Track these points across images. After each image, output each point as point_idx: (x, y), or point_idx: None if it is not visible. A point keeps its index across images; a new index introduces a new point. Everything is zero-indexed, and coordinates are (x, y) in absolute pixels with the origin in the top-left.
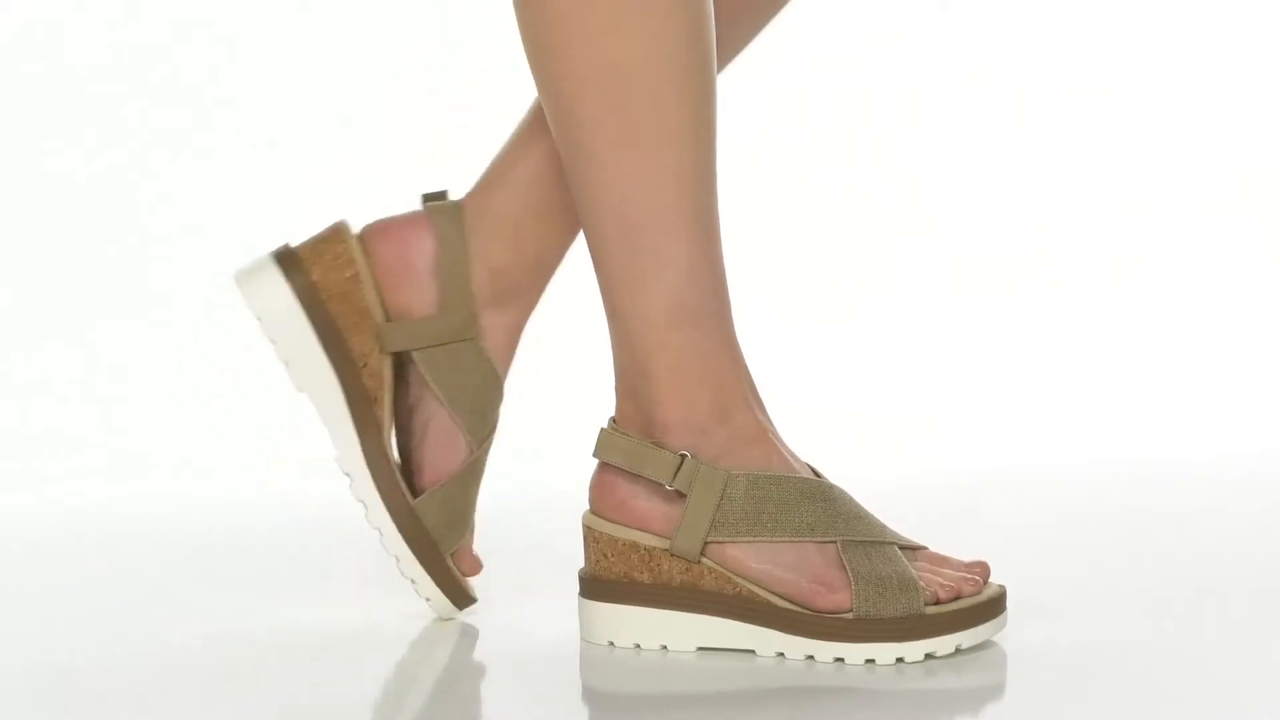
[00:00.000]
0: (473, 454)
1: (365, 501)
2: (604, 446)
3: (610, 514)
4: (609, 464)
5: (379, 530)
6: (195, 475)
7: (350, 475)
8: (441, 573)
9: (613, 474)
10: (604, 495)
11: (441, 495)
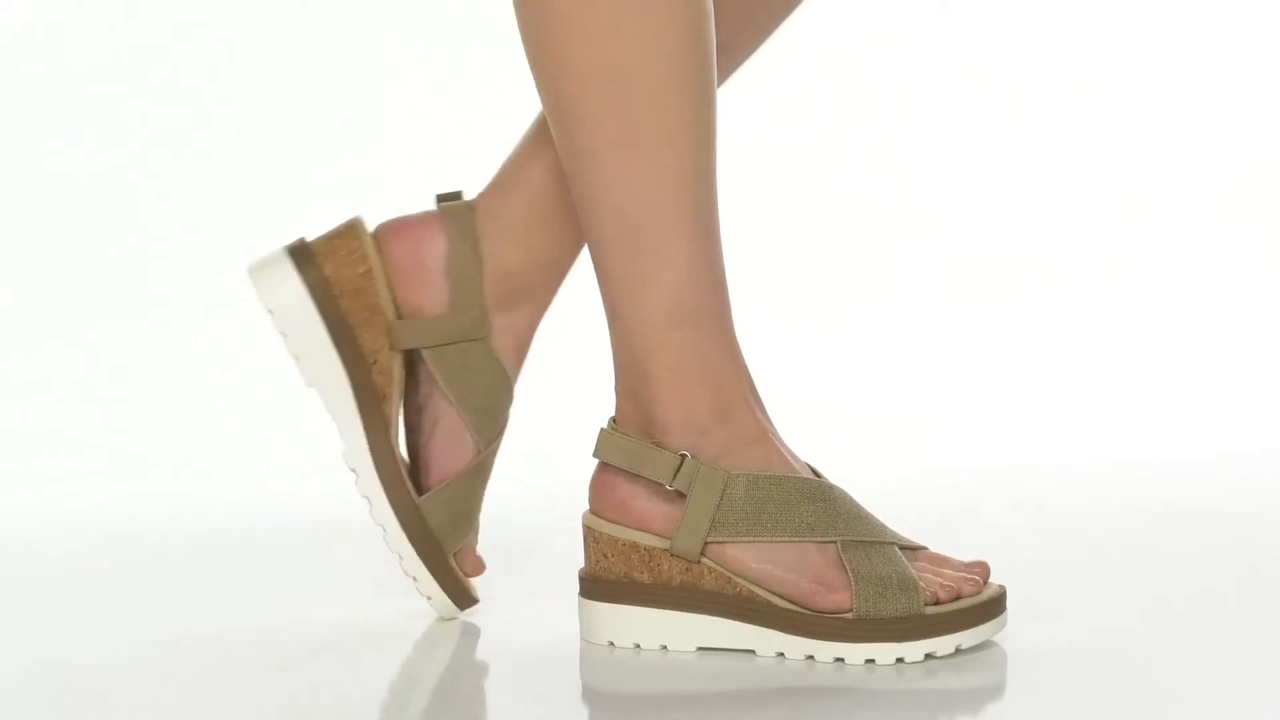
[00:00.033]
0: (480, 454)
1: (370, 498)
2: (604, 446)
3: (610, 514)
4: (609, 464)
5: (382, 527)
6: (195, 475)
7: (356, 471)
8: (444, 572)
9: (613, 474)
10: (604, 495)
11: (447, 494)
